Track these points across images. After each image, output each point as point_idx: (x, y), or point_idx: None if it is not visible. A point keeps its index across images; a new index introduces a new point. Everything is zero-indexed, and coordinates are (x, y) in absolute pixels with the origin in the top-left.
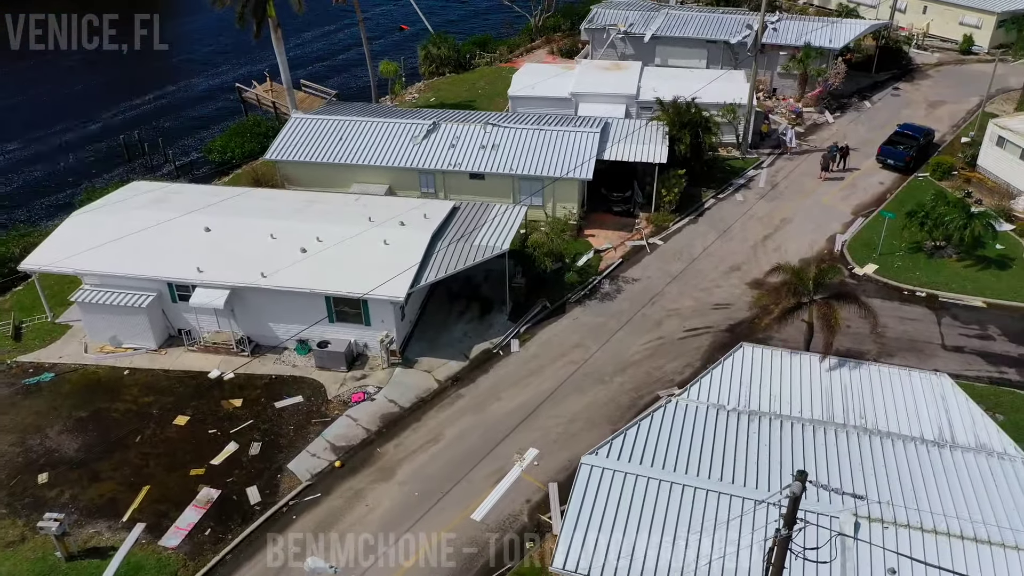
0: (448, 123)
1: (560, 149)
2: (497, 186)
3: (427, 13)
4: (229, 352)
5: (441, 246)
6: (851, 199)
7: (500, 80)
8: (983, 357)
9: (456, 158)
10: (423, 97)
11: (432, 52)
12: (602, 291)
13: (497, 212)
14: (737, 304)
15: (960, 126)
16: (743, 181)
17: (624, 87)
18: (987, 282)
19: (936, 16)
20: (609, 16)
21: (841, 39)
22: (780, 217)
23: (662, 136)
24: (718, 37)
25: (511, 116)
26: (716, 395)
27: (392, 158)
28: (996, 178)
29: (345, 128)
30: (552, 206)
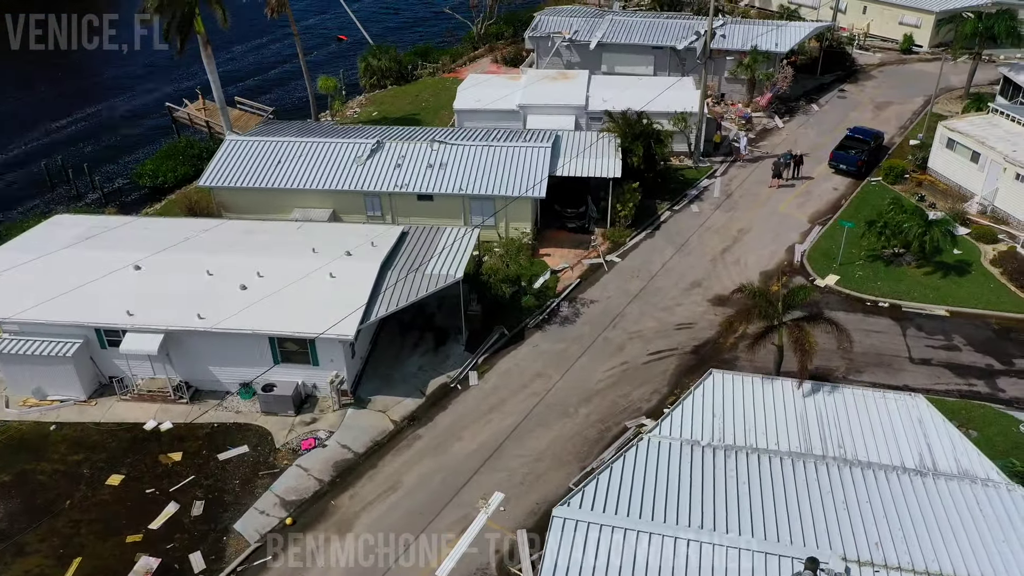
0: (393, 141)
1: (511, 166)
2: (447, 207)
3: (364, 23)
4: (166, 400)
5: (391, 276)
6: (807, 207)
7: (444, 91)
8: (951, 369)
9: (402, 179)
10: (365, 111)
11: (372, 64)
12: (561, 314)
13: (449, 236)
14: (700, 323)
15: (908, 127)
16: (697, 191)
17: (572, 98)
18: (948, 290)
19: (876, 16)
20: (553, 24)
21: (787, 43)
22: (737, 228)
23: (614, 149)
24: (664, 43)
25: (458, 132)
26: (689, 428)
27: (335, 181)
28: (947, 180)
29: (283, 150)
30: (505, 226)
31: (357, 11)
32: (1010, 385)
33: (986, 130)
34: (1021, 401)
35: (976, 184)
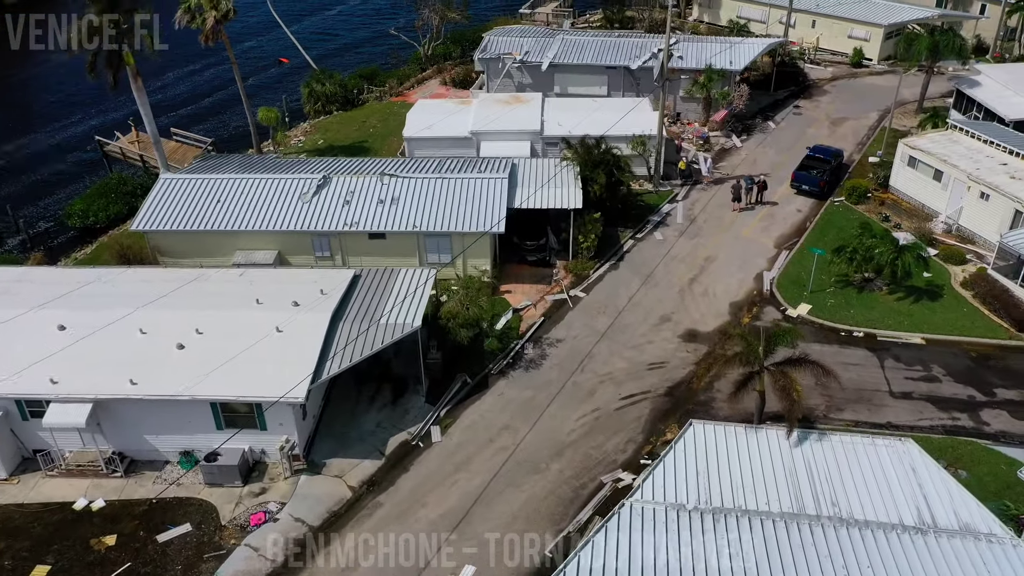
0: (341, 176)
1: (467, 199)
2: (400, 245)
3: (305, 46)
4: (98, 474)
5: (343, 328)
6: (771, 230)
7: (392, 116)
8: (933, 403)
9: (352, 217)
10: (310, 139)
11: (316, 89)
12: (526, 357)
13: (404, 279)
14: (672, 361)
15: (865, 143)
16: (660, 217)
17: (527, 122)
18: (922, 316)
19: (825, 30)
20: (503, 44)
21: (742, 60)
22: (703, 256)
23: (574, 178)
24: (618, 63)
25: (410, 163)
26: (672, 489)
27: (279, 220)
28: (910, 199)
29: (223, 188)
30: (463, 263)
31: (296, 32)
32: (994, 418)
33: (947, 147)
34: (1007, 435)
35: (940, 203)
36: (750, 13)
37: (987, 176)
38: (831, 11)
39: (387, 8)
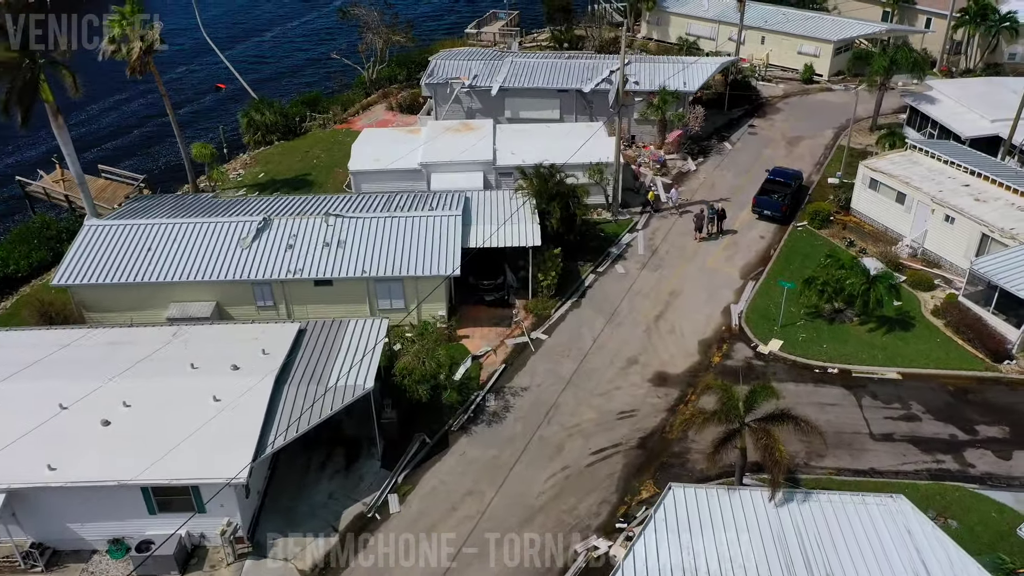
0: (282, 218)
1: (418, 240)
2: (349, 292)
3: (241, 71)
4: (15, 569)
5: (289, 393)
6: (736, 259)
7: (337, 146)
8: (915, 444)
9: (296, 262)
10: (250, 173)
11: (255, 118)
12: (488, 410)
13: (354, 331)
14: (643, 409)
15: (823, 163)
16: (620, 248)
17: (479, 152)
18: (896, 348)
19: (775, 46)
20: (450, 68)
21: (696, 81)
22: (668, 289)
23: (531, 212)
24: (570, 86)
25: (356, 200)
26: (655, 563)
27: (217, 269)
28: (873, 222)
29: (154, 234)
30: (416, 307)
31: (231, 57)
32: (978, 458)
33: (908, 169)
34: (993, 477)
35: (904, 226)
36: (699, 30)
37: (951, 198)
38: (780, 27)
39: (326, 30)
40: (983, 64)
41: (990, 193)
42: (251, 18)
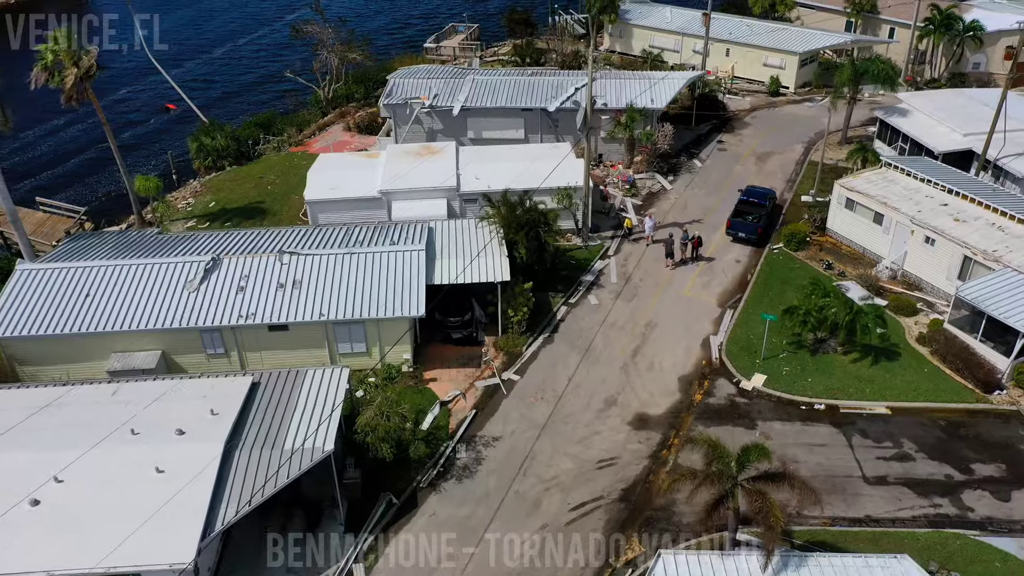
0: (233, 257)
1: (380, 278)
2: (306, 336)
3: (190, 93)
4: None
5: (240, 459)
6: (712, 286)
7: (293, 170)
8: (910, 487)
9: (248, 306)
10: (200, 202)
11: (206, 143)
12: (459, 463)
13: (311, 383)
14: (624, 456)
15: (796, 180)
16: (593, 276)
17: (442, 178)
18: (883, 380)
19: (740, 58)
20: (410, 88)
21: (663, 98)
22: (644, 321)
23: (499, 244)
24: (534, 104)
25: (312, 234)
26: None
27: (162, 316)
28: (850, 243)
29: (94, 278)
30: (379, 349)
31: (179, 77)
32: (976, 500)
33: (885, 188)
34: (994, 521)
35: (882, 247)
36: (663, 42)
37: (930, 219)
38: (745, 39)
39: (278, 46)
40: (948, 74)
41: (969, 212)
42: (198, 35)
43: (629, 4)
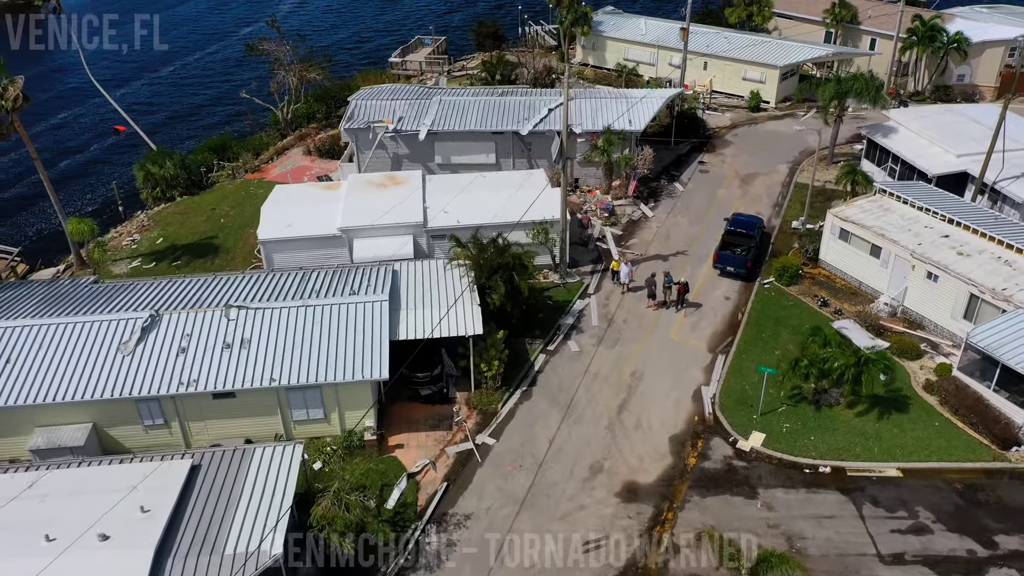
0: (174, 312)
1: (338, 334)
2: (256, 403)
3: (136, 117)
4: None
5: (173, 571)
6: (701, 327)
7: (248, 200)
8: (930, 566)
9: (190, 371)
10: (146, 238)
11: (153, 172)
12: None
13: (259, 464)
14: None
15: (783, 205)
16: (572, 319)
17: (407, 212)
18: (891, 437)
19: (718, 72)
20: (372, 110)
21: (642, 119)
22: (629, 370)
23: (470, 292)
24: (506, 127)
25: (264, 282)
26: None
27: (92, 384)
28: (845, 276)
29: (13, 340)
30: (338, 415)
31: (124, 99)
32: None
33: (880, 217)
34: None
35: (880, 282)
36: (638, 55)
37: (932, 253)
38: (723, 53)
39: (232, 65)
40: (932, 86)
41: (973, 245)
42: (145, 52)
43: (602, 15)
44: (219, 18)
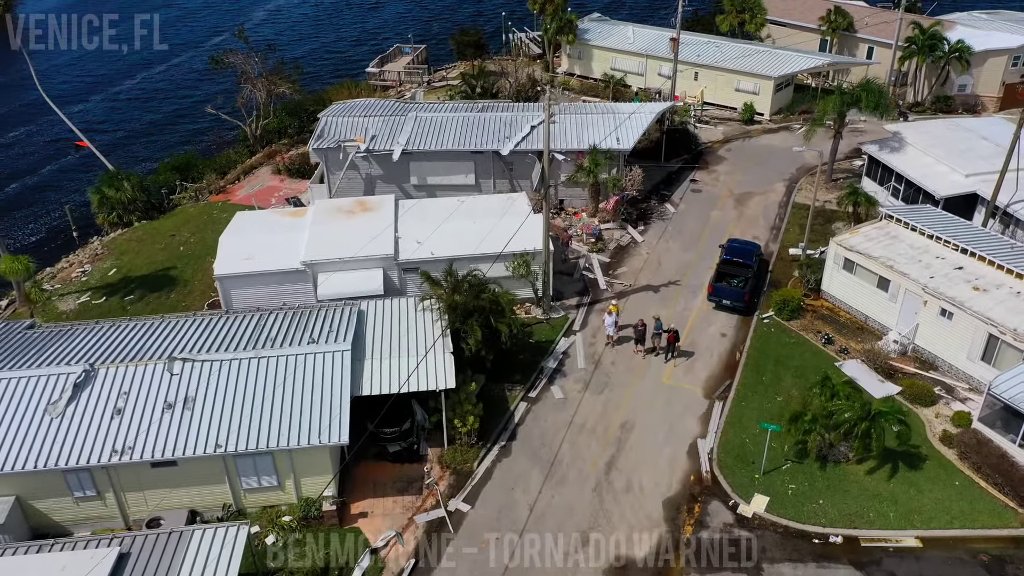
0: (111, 365)
1: (294, 389)
2: (200, 472)
3: (91, 136)
4: None
5: None
6: (696, 369)
7: (211, 224)
8: None
9: (125, 436)
10: (98, 270)
11: (109, 195)
12: None
13: (198, 549)
14: None
15: (781, 227)
16: (556, 360)
17: (377, 243)
18: (907, 499)
19: (709, 82)
20: (343, 128)
21: (630, 137)
22: (618, 421)
23: (443, 338)
24: (485, 147)
25: (215, 327)
26: None
27: (15, 453)
28: (849, 309)
29: None
30: (294, 482)
31: (79, 116)
32: None
33: (888, 247)
34: None
35: (888, 317)
36: (626, 65)
37: (946, 288)
38: (715, 63)
39: (198, 78)
40: (932, 97)
41: (989, 278)
42: (104, 64)
43: (588, 23)
44: (188, 28)
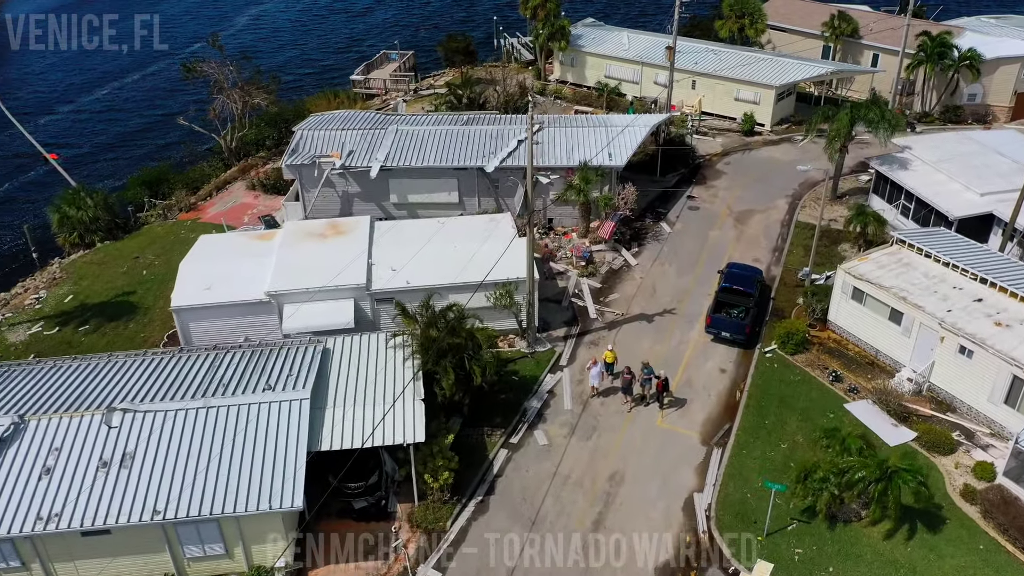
0: (43, 417)
1: (245, 443)
2: (137, 541)
3: (55, 148)
4: None
5: None
6: (693, 411)
7: (178, 245)
8: None
9: (53, 501)
10: (54, 296)
11: (70, 215)
12: None
13: None
14: None
15: (783, 249)
16: (541, 401)
17: (348, 272)
18: (926, 567)
19: (707, 91)
20: (319, 142)
21: (623, 152)
22: (607, 471)
23: (414, 383)
24: (469, 163)
25: (162, 368)
26: None
27: None
28: (858, 341)
29: None
30: (243, 549)
31: (43, 129)
32: None
33: (901, 275)
34: None
35: (901, 352)
36: (620, 72)
37: (965, 323)
38: (713, 71)
39: (171, 88)
40: (941, 107)
41: (1012, 312)
42: (72, 73)
43: (582, 28)
44: (166, 34)
